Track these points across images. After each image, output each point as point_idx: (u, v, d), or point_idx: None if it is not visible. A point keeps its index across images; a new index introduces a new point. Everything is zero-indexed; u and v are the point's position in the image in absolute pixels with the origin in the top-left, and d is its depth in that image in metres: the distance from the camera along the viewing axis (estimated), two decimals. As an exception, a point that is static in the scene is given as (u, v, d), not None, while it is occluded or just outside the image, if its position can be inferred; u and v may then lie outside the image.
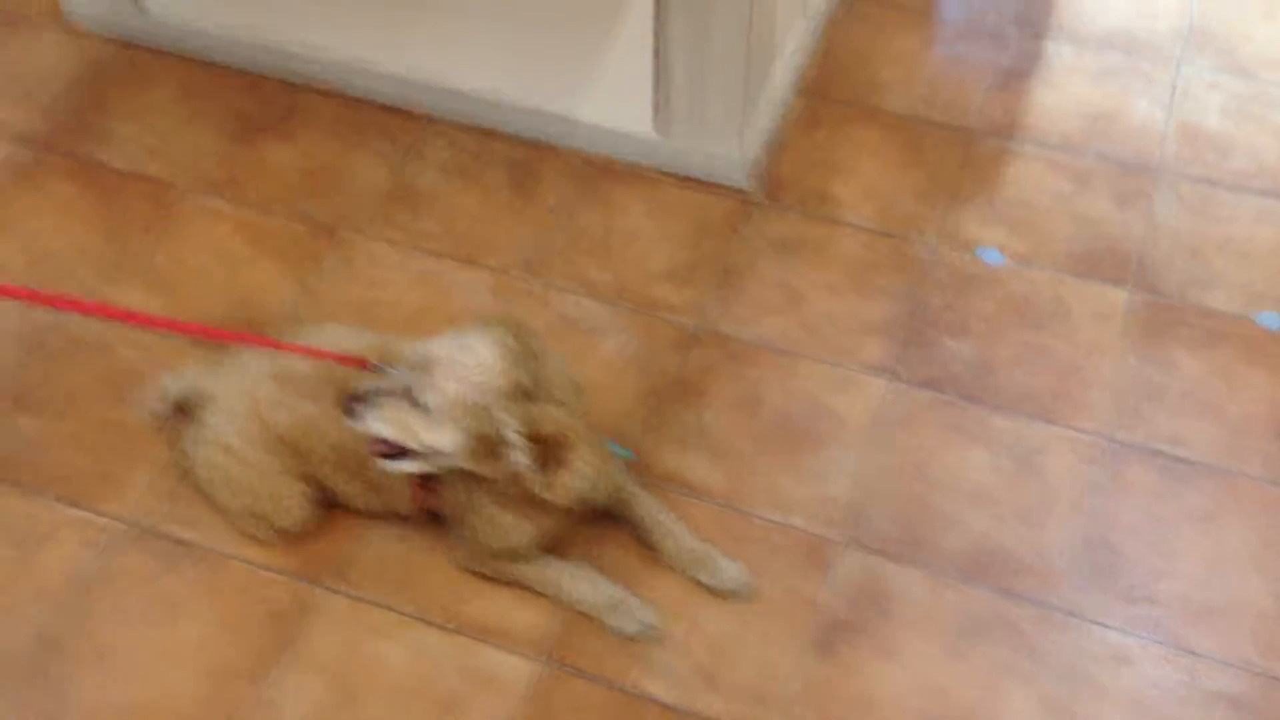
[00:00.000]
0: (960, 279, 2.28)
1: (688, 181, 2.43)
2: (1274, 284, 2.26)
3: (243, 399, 1.82)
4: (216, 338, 1.97)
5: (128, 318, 1.94)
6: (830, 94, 2.62)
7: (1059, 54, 2.71)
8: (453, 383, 1.58)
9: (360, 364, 1.72)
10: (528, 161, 2.46)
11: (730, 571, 1.83)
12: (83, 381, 2.08)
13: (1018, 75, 2.67)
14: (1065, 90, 2.63)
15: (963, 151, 2.52)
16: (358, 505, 1.87)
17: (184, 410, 1.94)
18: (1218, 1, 2.80)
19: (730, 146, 2.38)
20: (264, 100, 2.55)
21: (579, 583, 1.80)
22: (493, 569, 1.82)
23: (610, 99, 2.38)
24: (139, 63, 2.61)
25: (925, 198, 2.43)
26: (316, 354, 1.75)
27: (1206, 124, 2.55)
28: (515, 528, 1.74)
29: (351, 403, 1.62)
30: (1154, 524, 1.94)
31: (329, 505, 1.90)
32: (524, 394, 1.61)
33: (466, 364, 1.59)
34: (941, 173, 2.47)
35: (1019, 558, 1.90)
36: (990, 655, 1.80)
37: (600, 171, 2.44)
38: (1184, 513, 1.95)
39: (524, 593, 1.84)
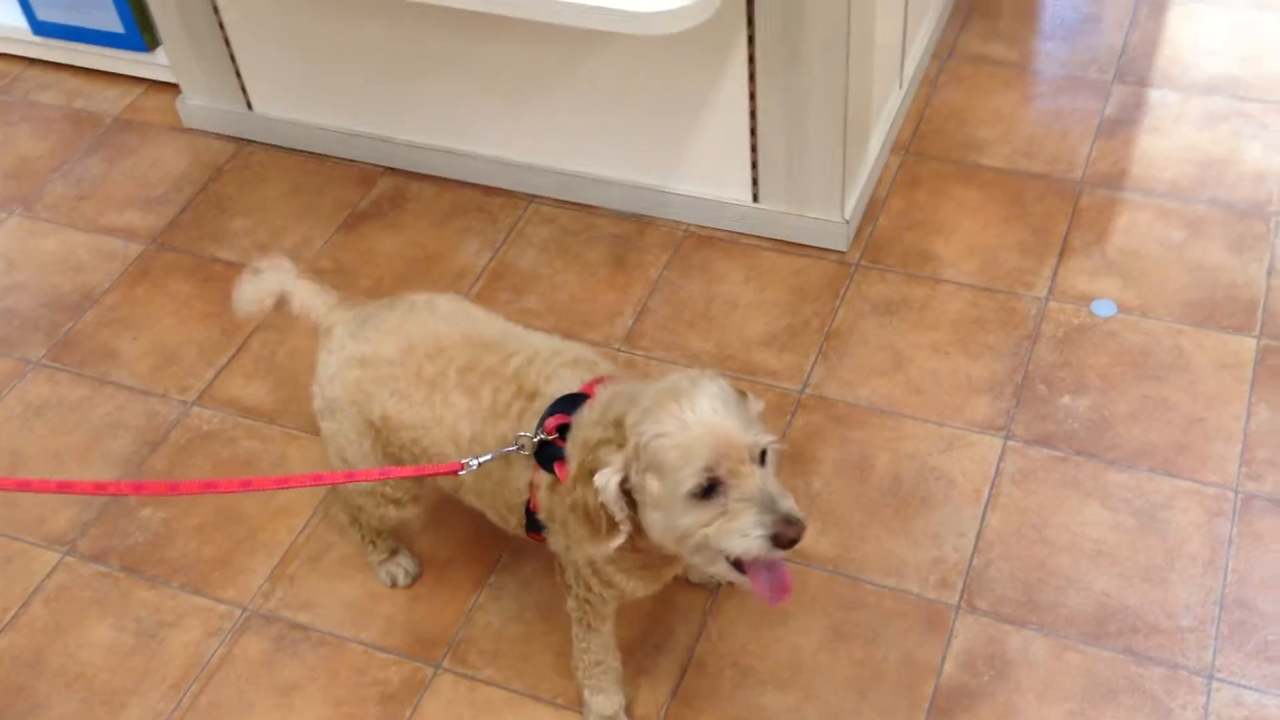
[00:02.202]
0: (1072, 333, 2.22)
1: (787, 246, 2.43)
2: None
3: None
4: (302, 483, 1.82)
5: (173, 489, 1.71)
6: (928, 153, 2.61)
7: (1163, 102, 2.65)
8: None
9: (454, 470, 1.56)
10: (628, 235, 2.49)
11: None
12: (205, 471, 2.16)
13: (1121, 125, 2.62)
14: (1172, 137, 2.57)
15: (1068, 203, 2.47)
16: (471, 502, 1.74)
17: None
18: (1328, 38, 2.72)
19: (828, 211, 2.38)
20: (370, 189, 2.65)
21: (603, 683, 1.73)
22: (594, 614, 1.69)
23: (708, 169, 2.41)
24: (251, 160, 2.75)
25: (1030, 252, 2.38)
26: (415, 472, 1.63)
27: (1325, 163, 2.46)
28: (634, 579, 1.59)
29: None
30: (1292, 579, 1.83)
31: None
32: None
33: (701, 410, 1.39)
34: (1046, 226, 2.43)
35: (1145, 617, 1.81)
36: (1119, 719, 1.71)
37: (700, 242, 2.46)
38: (1325, 567, 1.84)
39: (633, 666, 1.82)
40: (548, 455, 1.49)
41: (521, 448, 1.49)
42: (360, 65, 2.54)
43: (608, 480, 1.36)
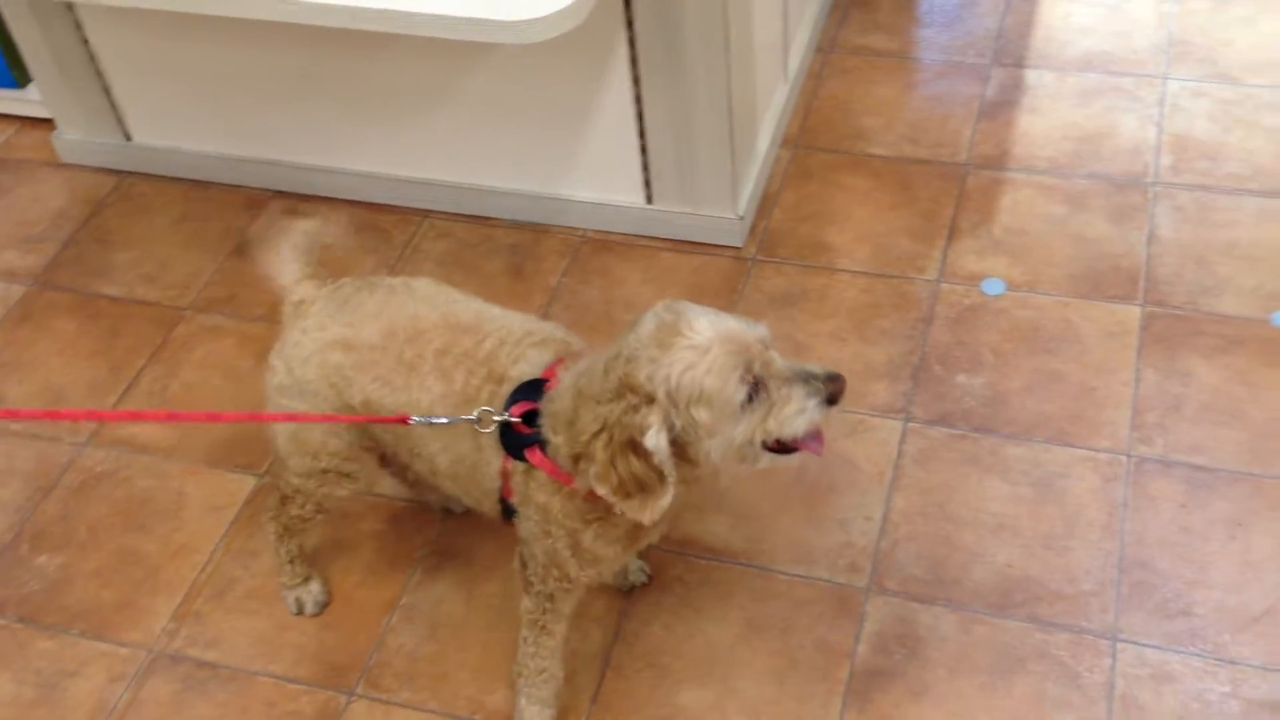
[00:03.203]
0: (964, 312, 2.26)
1: (684, 245, 2.44)
2: (1283, 282, 2.22)
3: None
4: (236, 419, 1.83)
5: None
6: (817, 145, 2.64)
7: (1040, 82, 2.72)
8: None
9: (402, 420, 1.56)
10: (525, 245, 2.48)
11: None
12: (100, 513, 2.10)
13: (1001, 106, 2.68)
14: (1050, 116, 2.64)
15: (954, 186, 2.51)
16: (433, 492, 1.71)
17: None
18: (1193, 13, 2.80)
19: (722, 208, 2.39)
20: (259, 213, 2.60)
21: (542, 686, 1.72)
22: (552, 611, 1.66)
23: (600, 174, 2.41)
24: (133, 192, 2.68)
25: (920, 236, 2.42)
26: (362, 420, 1.62)
27: (1196, 133, 2.54)
28: (618, 546, 1.56)
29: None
30: (1183, 536, 1.88)
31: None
32: None
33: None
34: (934, 210, 2.47)
35: (1048, 585, 1.85)
36: (1028, 687, 1.74)
37: (597, 246, 2.46)
38: (1213, 521, 1.89)
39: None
40: (515, 441, 1.48)
41: (478, 420, 1.48)
42: (240, 89, 2.49)
43: (657, 439, 1.34)
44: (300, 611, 1.92)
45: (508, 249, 2.48)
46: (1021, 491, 1.97)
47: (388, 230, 2.54)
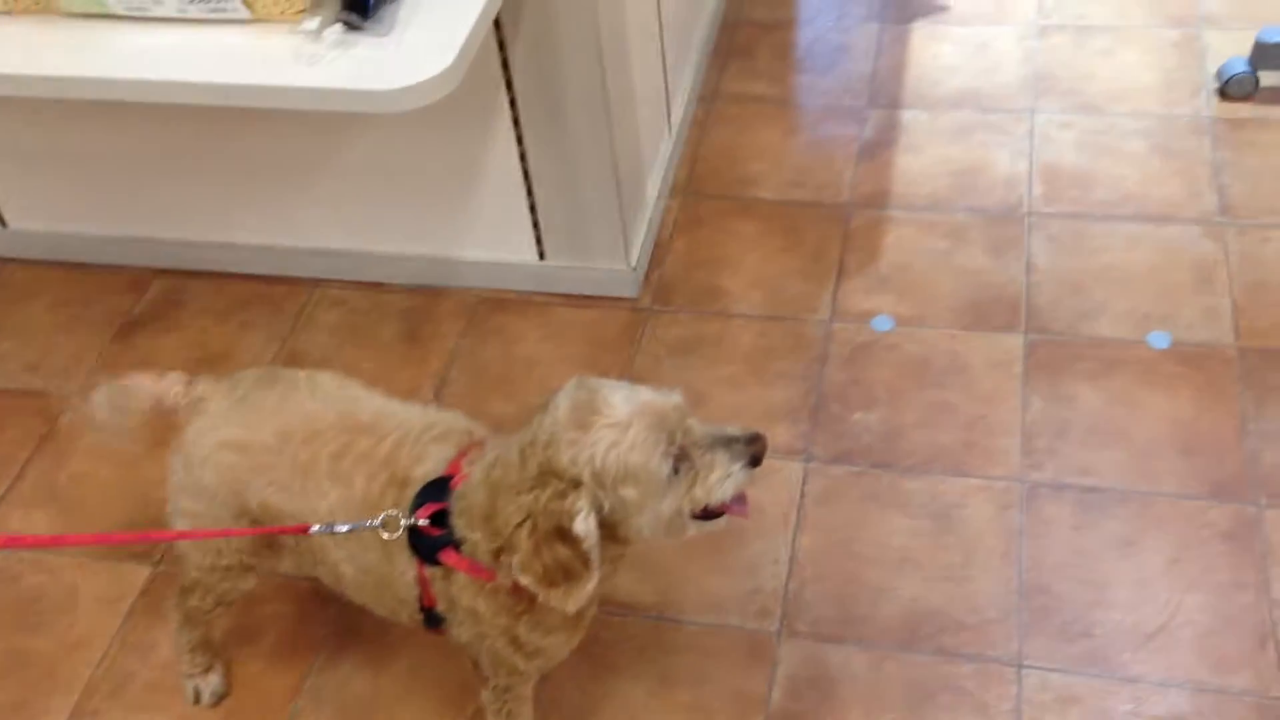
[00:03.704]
0: (857, 351, 2.31)
1: (579, 300, 2.45)
2: (1157, 304, 2.31)
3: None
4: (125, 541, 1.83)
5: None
6: (706, 193, 2.68)
7: (915, 121, 2.80)
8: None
9: (302, 530, 1.53)
10: (420, 308, 2.47)
11: None
12: (-11, 610, 2.02)
13: (880, 147, 2.75)
14: (927, 154, 2.72)
15: (839, 227, 2.57)
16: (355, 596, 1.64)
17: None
18: (1056, 48, 2.92)
19: (615, 260, 2.41)
20: (143, 293, 2.55)
21: None
22: (514, 698, 1.63)
23: (492, 233, 2.41)
24: (11, 280, 2.61)
25: (811, 277, 2.47)
26: (258, 531, 1.58)
27: (1065, 163, 2.63)
28: (559, 634, 1.54)
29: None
30: (1079, 557, 1.93)
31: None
32: None
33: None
34: (822, 251, 2.52)
35: (953, 616, 1.88)
36: (941, 721, 1.77)
37: (493, 306, 2.46)
38: (1106, 541, 1.95)
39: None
40: (427, 545, 1.43)
41: (383, 525, 1.43)
42: (118, 169, 2.45)
43: (587, 523, 1.32)
44: (197, 701, 1.86)
45: (402, 314, 2.46)
46: (922, 524, 2.01)
47: (278, 302, 2.51)
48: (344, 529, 1.46)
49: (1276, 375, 2.15)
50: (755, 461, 1.39)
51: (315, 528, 1.47)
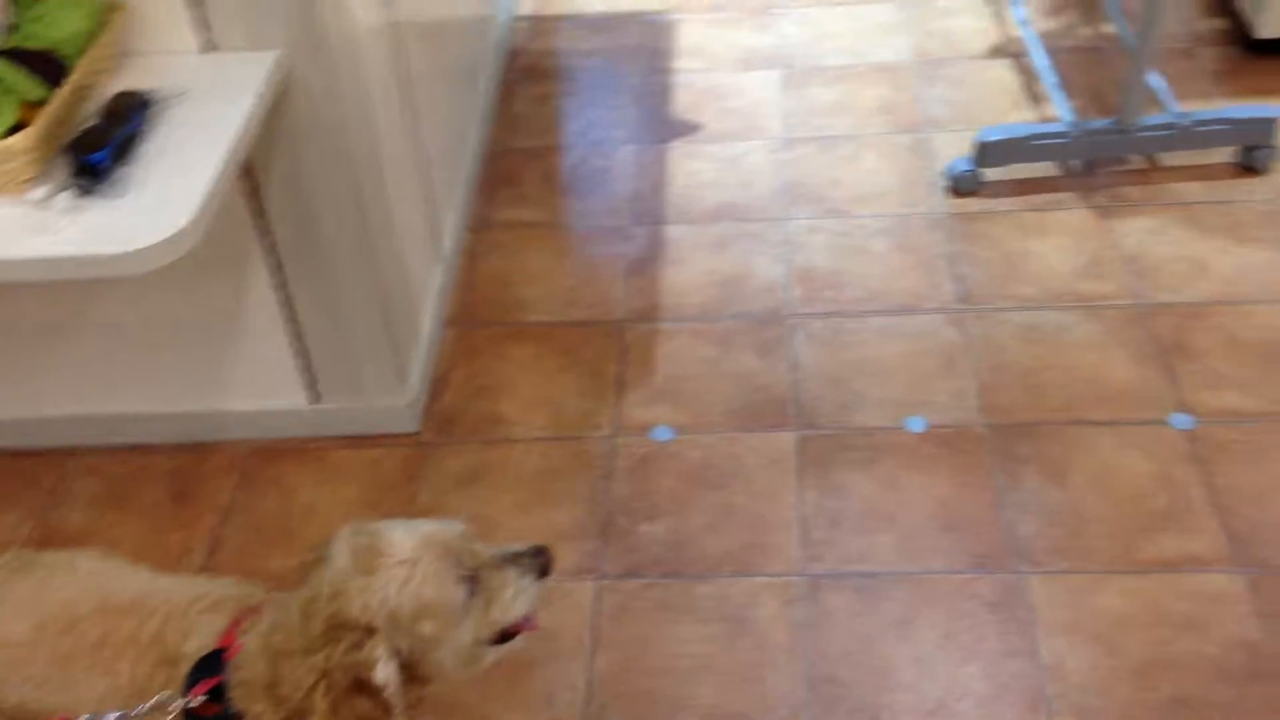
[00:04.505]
0: (640, 463, 2.35)
1: (357, 441, 2.42)
2: (911, 391, 2.45)
3: None
4: None
5: None
6: (481, 320, 2.71)
7: (679, 236, 2.92)
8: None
9: None
10: (188, 467, 2.39)
11: None
12: None
13: (647, 263, 2.85)
14: (692, 266, 2.83)
15: (615, 343, 2.64)
16: None
17: None
18: (803, 159, 3.11)
19: (391, 397, 2.40)
20: (-116, 479, 2.38)
21: None
22: None
23: (259, 381, 2.36)
24: None
25: (590, 395, 2.51)
26: None
27: (818, 265, 2.79)
28: None
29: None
30: (862, 643, 2.00)
31: None
32: None
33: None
34: (600, 368, 2.58)
35: (751, 718, 1.91)
36: (748, 827, 1.78)
37: (267, 456, 2.40)
38: (885, 624, 2.03)
39: None
40: None
41: (154, 709, 1.35)
42: None
43: (387, 670, 1.28)
44: None
45: (168, 475, 2.37)
46: (714, 630, 2.05)
47: (32, 475, 2.38)
48: (113, 718, 1.37)
49: (1022, 448, 2.30)
50: (544, 572, 1.42)
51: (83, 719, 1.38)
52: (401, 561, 1.32)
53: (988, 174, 2.91)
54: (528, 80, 3.47)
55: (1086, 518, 2.16)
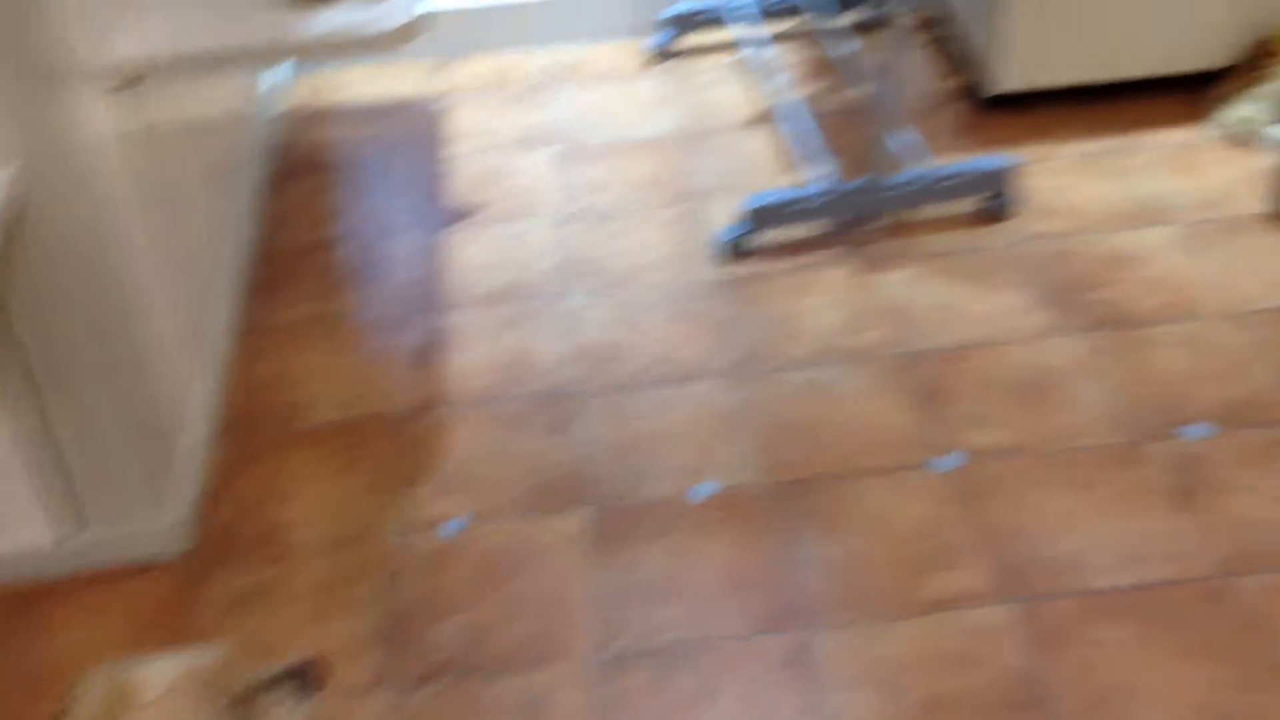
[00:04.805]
0: (430, 559, 2.30)
1: (120, 572, 2.29)
2: (697, 458, 2.48)
3: None
4: None
5: None
6: (258, 427, 2.61)
7: (463, 321, 2.90)
8: None
9: None
10: (-61, 616, 2.21)
11: None
12: None
13: (431, 351, 2.81)
14: (477, 350, 2.81)
15: (401, 437, 2.58)
16: None
17: None
18: (578, 234, 3.14)
19: (156, 520, 2.28)
20: None
21: None
22: None
23: (3, 522, 2.21)
24: None
25: (377, 493, 2.45)
26: None
27: (600, 339, 2.81)
28: None
29: None
30: (665, 717, 1.99)
31: None
32: None
33: None
34: (386, 464, 2.52)
35: (551, 814, 1.88)
36: None
37: (19, 602, 2.24)
38: (685, 696, 2.03)
39: None
40: None
41: None
42: None
43: None
44: None
45: (-86, 627, 2.19)
46: (512, 725, 2.00)
47: None
48: None
49: (804, 503, 2.36)
50: (312, 689, 1.36)
51: None
52: (152, 702, 1.25)
53: (757, 239, 3.01)
54: (299, 175, 3.41)
55: (867, 566, 2.22)
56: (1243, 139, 3.16)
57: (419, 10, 2.41)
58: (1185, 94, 3.28)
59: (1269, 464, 2.35)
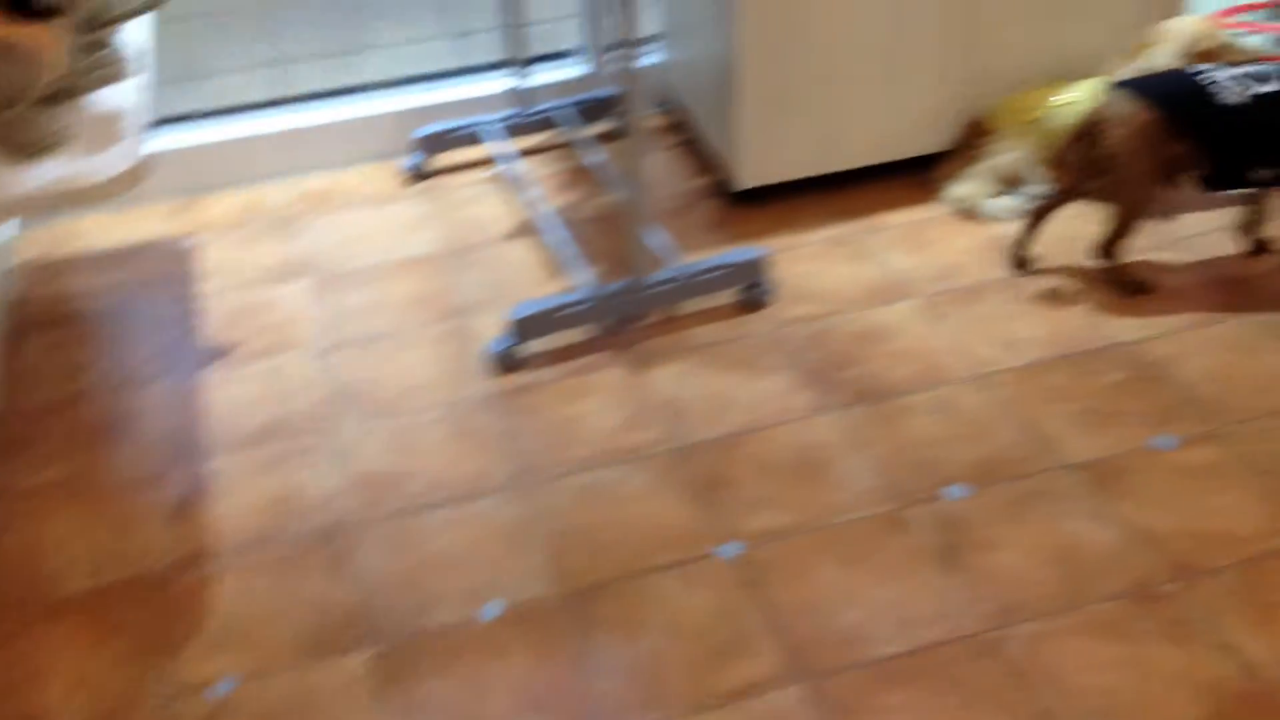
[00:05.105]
0: (203, 726, 2.13)
1: None
2: (482, 578, 2.41)
3: None
4: None
5: None
6: (5, 605, 2.39)
7: (225, 466, 2.75)
8: None
9: None
10: None
11: None
12: None
13: (192, 502, 2.65)
14: (242, 494, 2.67)
15: (161, 598, 2.41)
16: None
17: None
18: (343, 363, 3.06)
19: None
20: None
21: None
22: None
23: None
24: None
25: (138, 662, 2.27)
26: None
27: (375, 467, 2.72)
28: None
29: None
30: None
31: None
32: None
33: None
34: (147, 629, 2.34)
35: None
36: None
37: None
38: (484, 836, 1.93)
39: None
40: None
41: None
42: None
43: None
44: None
45: None
46: None
47: None
48: None
49: (596, 609, 2.32)
50: None
51: None
52: None
53: (527, 349, 3.00)
54: (38, 330, 3.20)
55: (664, 665, 2.19)
56: (968, 213, 3.39)
57: (144, 153, 2.32)
58: (914, 176, 3.51)
59: (1020, 517, 2.47)
